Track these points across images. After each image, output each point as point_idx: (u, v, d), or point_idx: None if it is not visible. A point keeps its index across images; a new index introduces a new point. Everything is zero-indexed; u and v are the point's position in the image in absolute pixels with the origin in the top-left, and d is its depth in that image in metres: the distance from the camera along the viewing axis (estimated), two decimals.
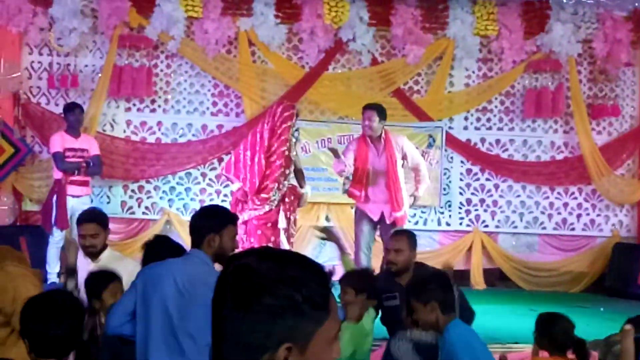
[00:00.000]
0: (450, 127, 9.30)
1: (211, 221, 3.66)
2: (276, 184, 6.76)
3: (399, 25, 8.95)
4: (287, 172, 6.90)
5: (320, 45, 8.98)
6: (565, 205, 9.52)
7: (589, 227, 9.54)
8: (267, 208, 6.75)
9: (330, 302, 1.41)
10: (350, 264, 5.27)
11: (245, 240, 6.79)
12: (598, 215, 9.52)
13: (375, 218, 7.12)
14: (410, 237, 5.06)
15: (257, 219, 6.77)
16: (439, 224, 9.33)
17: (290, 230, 6.96)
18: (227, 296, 1.38)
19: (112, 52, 8.68)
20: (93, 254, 4.87)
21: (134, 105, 8.99)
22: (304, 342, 1.37)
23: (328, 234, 5.75)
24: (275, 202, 6.81)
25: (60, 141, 7.74)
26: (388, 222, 7.06)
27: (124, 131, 8.97)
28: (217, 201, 9.06)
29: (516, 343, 6.03)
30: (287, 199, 6.91)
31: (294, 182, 7.08)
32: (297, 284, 1.37)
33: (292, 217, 6.97)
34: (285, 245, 6.72)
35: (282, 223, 6.85)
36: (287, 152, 6.81)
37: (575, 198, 9.57)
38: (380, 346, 4.78)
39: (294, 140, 7.06)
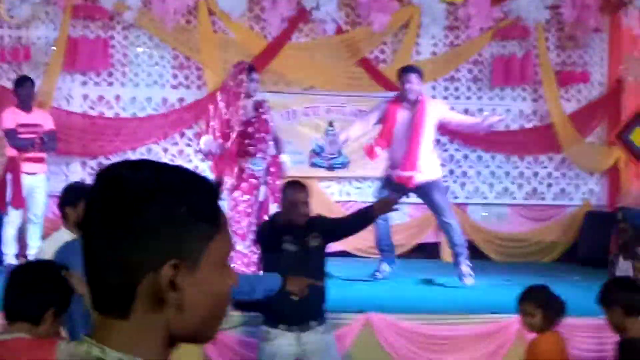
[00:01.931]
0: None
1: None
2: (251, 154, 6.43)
3: None
4: (264, 136, 6.50)
5: (283, 14, 8.70)
6: (535, 174, 9.39)
7: (560, 196, 9.42)
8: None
9: (219, 215, 1.22)
10: None
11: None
12: (568, 184, 9.39)
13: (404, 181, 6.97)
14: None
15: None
16: (408, 195, 9.09)
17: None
18: (99, 212, 1.17)
19: (66, 24, 8.33)
20: None
21: (91, 79, 8.65)
22: (192, 261, 1.18)
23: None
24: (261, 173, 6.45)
25: (12, 117, 7.38)
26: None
27: (81, 106, 8.64)
28: None
29: (493, 313, 5.86)
30: (272, 169, 6.56)
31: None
32: (179, 192, 1.18)
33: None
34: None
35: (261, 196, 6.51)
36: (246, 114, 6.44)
37: (545, 167, 9.44)
38: None
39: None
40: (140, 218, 1.15)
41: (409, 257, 8.74)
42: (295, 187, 4.80)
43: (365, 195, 9.03)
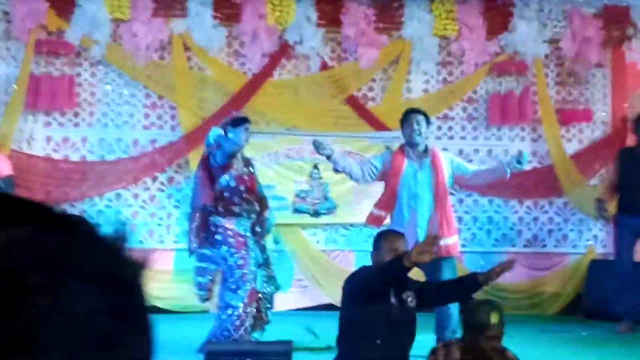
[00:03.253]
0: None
1: None
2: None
3: (350, 25, 8.14)
4: (247, 195, 5.87)
5: (264, 48, 8.13)
6: (536, 220, 8.76)
7: (562, 243, 8.78)
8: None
9: None
10: None
11: None
12: (571, 230, 8.76)
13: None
14: None
15: None
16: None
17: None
18: None
19: (28, 60, 7.75)
20: None
21: (55, 119, 8.01)
22: None
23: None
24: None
25: None
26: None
27: (44, 149, 7.98)
28: (151, 225, 8.12)
29: None
30: (257, 229, 5.93)
31: None
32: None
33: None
34: None
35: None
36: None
37: (546, 212, 8.81)
38: None
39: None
40: None
41: None
42: (397, 236, 4.41)
43: (353, 243, 8.41)
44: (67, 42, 7.81)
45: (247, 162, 6.03)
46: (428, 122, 6.10)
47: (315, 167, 8.28)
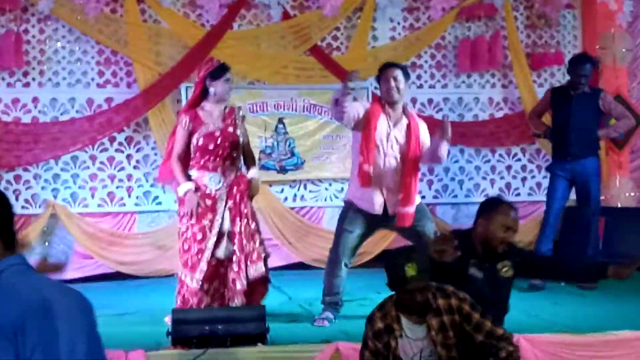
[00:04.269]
0: (376, 87, 8.07)
1: None
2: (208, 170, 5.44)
3: None
4: (230, 152, 5.47)
5: None
6: (509, 168, 8.54)
7: (536, 191, 8.58)
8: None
9: None
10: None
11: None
12: (544, 177, 8.50)
13: (377, 210, 5.61)
14: None
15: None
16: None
17: (249, 229, 5.43)
18: None
19: None
20: None
21: (3, 79, 7.54)
22: None
23: None
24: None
25: None
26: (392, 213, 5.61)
27: None
28: (111, 188, 7.75)
29: None
30: (235, 189, 5.43)
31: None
32: None
33: (246, 212, 5.44)
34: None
35: (225, 224, 5.41)
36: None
37: (519, 160, 8.59)
38: None
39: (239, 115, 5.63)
40: None
41: (373, 267, 7.84)
42: (512, 210, 4.13)
43: (322, 199, 8.13)
44: None
45: (228, 114, 5.58)
46: (407, 77, 5.70)
47: (280, 121, 7.96)
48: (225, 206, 5.40)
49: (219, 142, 5.44)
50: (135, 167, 7.78)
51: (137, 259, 7.66)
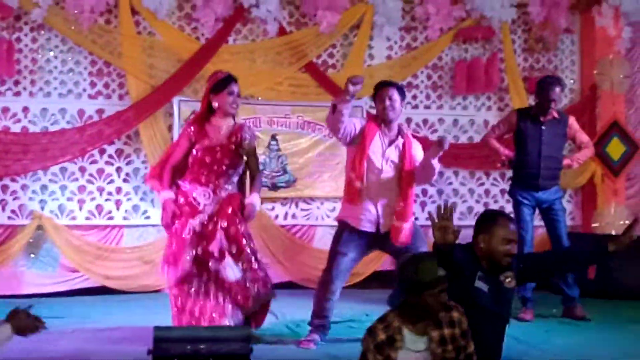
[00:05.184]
0: (371, 107, 8.03)
1: None
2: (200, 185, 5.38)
3: None
4: (226, 169, 5.41)
5: (218, 12, 7.65)
6: (503, 192, 8.44)
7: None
8: None
9: None
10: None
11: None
12: None
13: (370, 228, 5.53)
14: None
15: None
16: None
17: (244, 251, 5.36)
18: None
19: None
20: None
21: None
22: None
23: None
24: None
25: None
26: (382, 232, 5.51)
27: None
28: (99, 200, 7.64)
29: None
30: (226, 209, 5.33)
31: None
32: None
33: (240, 231, 5.35)
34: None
35: (214, 244, 5.29)
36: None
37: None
38: None
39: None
40: None
41: (363, 288, 7.75)
42: (511, 222, 4.10)
43: (314, 218, 8.04)
44: (4, 4, 7.22)
45: (235, 131, 5.47)
46: (403, 96, 5.63)
47: (273, 137, 7.88)
48: (217, 224, 5.30)
49: (217, 157, 5.36)
50: (124, 180, 7.67)
51: (124, 273, 7.55)
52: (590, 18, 8.44)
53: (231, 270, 5.28)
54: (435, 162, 5.45)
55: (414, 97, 8.34)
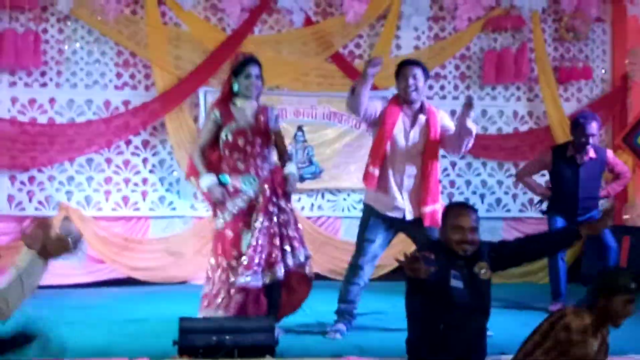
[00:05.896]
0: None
1: None
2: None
3: None
4: (261, 150, 5.30)
5: (244, 2, 7.64)
6: None
7: None
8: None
9: None
10: None
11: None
12: None
13: (397, 214, 5.45)
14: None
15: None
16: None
17: (288, 229, 5.35)
18: None
19: None
20: None
21: (20, 79, 7.47)
22: None
23: None
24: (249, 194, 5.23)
25: None
26: (411, 218, 5.45)
27: (9, 110, 7.44)
28: (125, 192, 7.64)
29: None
30: (266, 186, 5.22)
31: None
32: None
33: (282, 206, 5.29)
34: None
35: (257, 221, 5.17)
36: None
37: (543, 175, 8.30)
38: None
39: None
40: None
41: (390, 280, 7.68)
42: (461, 208, 4.12)
43: (340, 210, 7.98)
44: None
45: (260, 111, 5.36)
46: (427, 76, 5.53)
47: (300, 129, 7.84)
48: (265, 203, 5.20)
49: (249, 139, 5.27)
50: (150, 171, 7.67)
51: (150, 264, 7.55)
52: (622, 7, 8.31)
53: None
54: (470, 123, 5.34)
55: (442, 87, 8.26)
